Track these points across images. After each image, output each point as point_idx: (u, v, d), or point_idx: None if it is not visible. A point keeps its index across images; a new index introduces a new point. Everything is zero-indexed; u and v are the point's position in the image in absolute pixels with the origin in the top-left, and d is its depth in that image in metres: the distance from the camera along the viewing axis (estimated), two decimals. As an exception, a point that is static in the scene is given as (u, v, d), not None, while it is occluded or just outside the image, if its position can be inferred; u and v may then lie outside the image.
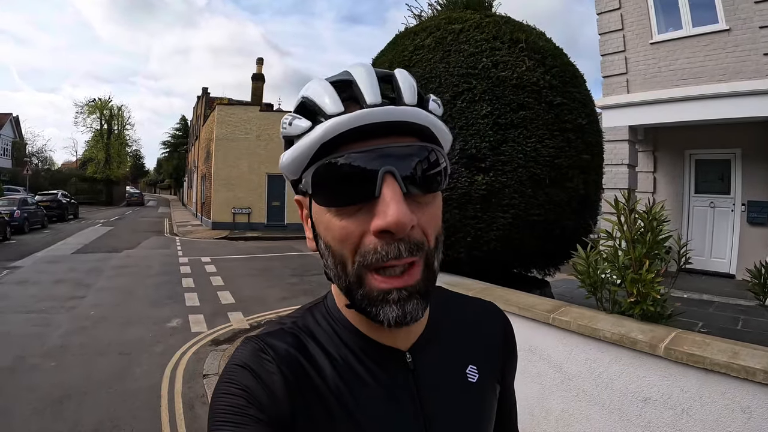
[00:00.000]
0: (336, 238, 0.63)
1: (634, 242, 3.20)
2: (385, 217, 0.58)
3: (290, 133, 0.65)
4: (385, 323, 0.61)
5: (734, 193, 9.20)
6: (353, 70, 0.66)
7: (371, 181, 0.59)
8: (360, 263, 0.61)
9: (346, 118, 0.60)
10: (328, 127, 0.60)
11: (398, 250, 0.60)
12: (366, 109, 0.60)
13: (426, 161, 0.63)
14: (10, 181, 33.82)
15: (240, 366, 0.66)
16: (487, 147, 4.30)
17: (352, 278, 0.63)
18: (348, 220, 0.62)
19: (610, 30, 9.61)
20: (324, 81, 0.66)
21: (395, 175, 0.60)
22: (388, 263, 0.60)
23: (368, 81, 0.63)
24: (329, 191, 0.62)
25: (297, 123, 0.64)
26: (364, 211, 0.61)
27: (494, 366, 0.84)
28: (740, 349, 2.39)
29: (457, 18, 4.88)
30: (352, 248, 0.62)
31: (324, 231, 0.65)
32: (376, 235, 0.60)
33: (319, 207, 0.65)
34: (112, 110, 48.23)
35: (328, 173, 0.61)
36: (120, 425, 4.36)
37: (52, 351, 6.16)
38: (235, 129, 23.91)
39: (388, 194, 0.59)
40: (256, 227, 23.39)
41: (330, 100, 0.62)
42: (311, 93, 0.65)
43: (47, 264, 12.79)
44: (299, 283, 10.86)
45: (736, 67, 7.91)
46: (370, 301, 0.62)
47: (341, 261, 0.63)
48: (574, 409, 3.07)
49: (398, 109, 0.62)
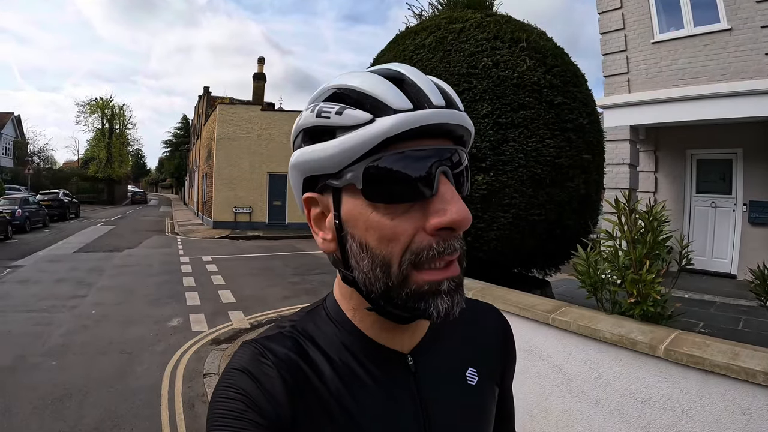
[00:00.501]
0: (385, 237, 0.61)
1: (634, 242, 3.19)
2: (450, 214, 0.59)
3: (337, 123, 0.61)
4: (435, 315, 0.61)
5: (736, 193, 9.18)
6: (403, 69, 0.65)
7: (428, 180, 0.60)
8: (410, 261, 0.60)
9: (418, 114, 0.59)
10: (398, 121, 0.58)
11: (453, 245, 0.61)
12: (436, 110, 0.60)
13: (460, 164, 0.64)
14: (11, 181, 33.95)
15: (239, 370, 0.65)
16: (488, 146, 4.30)
17: (397, 278, 0.61)
18: (399, 218, 0.60)
19: (611, 29, 9.59)
20: (375, 75, 0.64)
21: (449, 176, 0.62)
22: (443, 258, 0.61)
23: (425, 81, 0.63)
24: (385, 187, 0.60)
25: (351, 113, 0.61)
26: (417, 208, 0.60)
27: (494, 369, 0.83)
28: (740, 351, 2.38)
29: (458, 17, 4.88)
30: (402, 247, 0.61)
31: (364, 231, 0.62)
32: (433, 232, 0.60)
33: (362, 205, 0.62)
34: (114, 109, 48.26)
35: (387, 168, 0.60)
36: (120, 424, 4.36)
37: (53, 350, 6.16)
38: (236, 128, 23.93)
39: (448, 192, 0.60)
40: (258, 226, 23.40)
41: (395, 94, 0.61)
42: (361, 84, 0.62)
43: (48, 263, 12.81)
44: (300, 283, 10.86)
45: (738, 67, 7.90)
46: (419, 297, 0.61)
47: (384, 262, 0.62)
48: (573, 409, 3.07)
49: (459, 115, 0.63)
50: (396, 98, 0.60)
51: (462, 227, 0.60)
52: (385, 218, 0.61)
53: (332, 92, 0.65)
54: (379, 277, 0.62)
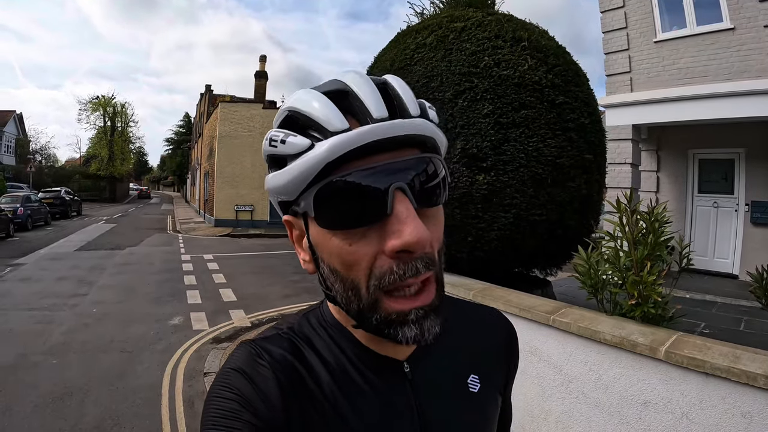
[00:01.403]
0: (345, 263, 0.60)
1: (635, 243, 3.18)
2: (403, 236, 0.56)
3: (283, 152, 0.60)
4: (403, 342, 0.59)
5: (738, 193, 9.14)
6: (347, 79, 0.62)
7: (381, 200, 0.56)
8: (375, 287, 0.59)
9: (353, 135, 0.56)
10: (333, 145, 0.56)
11: (416, 268, 0.58)
12: (374, 125, 0.57)
13: (430, 173, 0.61)
14: (13, 179, 34.03)
15: (234, 370, 0.65)
16: (489, 146, 4.29)
17: (367, 303, 0.60)
18: (358, 244, 0.58)
19: (613, 28, 9.57)
20: (316, 92, 0.62)
21: (405, 191, 0.58)
22: (406, 282, 0.58)
23: (369, 92, 0.60)
24: (336, 213, 0.58)
25: (292, 141, 0.59)
26: (374, 231, 0.58)
27: (497, 375, 0.82)
28: (741, 353, 2.37)
29: (459, 16, 4.86)
30: (366, 272, 0.59)
31: (329, 256, 0.62)
32: (392, 255, 0.57)
33: (322, 230, 0.61)
34: (116, 107, 48.28)
35: (334, 194, 0.58)
36: (121, 423, 4.37)
37: (54, 348, 6.17)
38: (238, 126, 23.95)
39: (402, 211, 0.57)
40: (259, 225, 23.40)
41: (332, 115, 0.58)
42: (304, 106, 0.61)
43: (50, 261, 12.83)
44: (301, 281, 10.85)
45: (741, 66, 7.87)
46: (387, 324, 0.60)
47: (353, 286, 0.60)
48: (573, 411, 3.06)
49: (407, 123, 0.59)
50: (331, 118, 0.58)
51: (417, 249, 0.57)
52: (344, 243, 0.59)
53: (285, 115, 0.64)
54: (351, 299, 0.61)
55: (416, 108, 0.62)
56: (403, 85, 0.63)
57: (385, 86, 0.63)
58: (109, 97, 47.94)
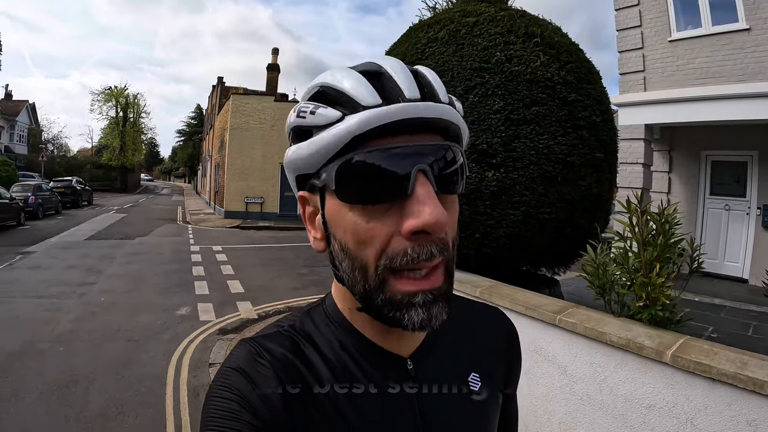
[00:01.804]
0: (360, 240, 0.59)
1: (645, 244, 3.14)
2: (422, 216, 0.56)
3: (312, 123, 0.61)
4: (409, 327, 0.59)
5: (750, 196, 9.05)
6: (383, 62, 0.63)
7: (403, 179, 0.57)
8: (385, 266, 0.58)
9: (386, 110, 0.57)
10: (365, 118, 0.57)
11: (430, 251, 0.57)
12: (407, 104, 0.58)
13: (452, 161, 0.61)
14: (25, 168, 34.26)
15: (234, 369, 0.64)
16: (499, 143, 4.26)
17: (374, 283, 0.59)
18: (375, 221, 0.58)
19: (628, 26, 9.48)
20: (351, 70, 0.63)
21: (428, 174, 0.58)
22: (419, 265, 0.58)
23: (404, 74, 0.61)
24: (357, 187, 0.59)
25: (323, 112, 0.60)
26: (392, 210, 0.58)
27: (498, 374, 0.82)
28: (749, 360, 2.34)
29: (472, 11, 4.83)
30: (378, 251, 0.59)
31: (343, 232, 0.61)
32: (409, 236, 0.57)
33: (339, 206, 0.61)
34: (128, 98, 48.53)
35: (358, 168, 0.58)
36: (125, 411, 4.40)
37: (61, 336, 6.23)
38: (249, 119, 24.01)
39: (423, 193, 0.57)
40: (269, 217, 23.48)
41: (365, 90, 0.59)
42: (336, 81, 0.61)
43: (60, 250, 12.93)
44: (309, 274, 10.88)
45: (756, 68, 7.76)
46: (393, 306, 0.59)
47: (362, 265, 0.60)
48: (577, 412, 3.04)
49: (438, 107, 0.60)
50: (365, 94, 0.59)
51: (435, 231, 0.57)
52: (361, 220, 0.59)
53: (315, 90, 0.64)
54: (358, 279, 0.61)
55: (445, 96, 0.63)
56: (434, 74, 0.64)
57: (416, 73, 0.63)
58: (122, 88, 48.22)
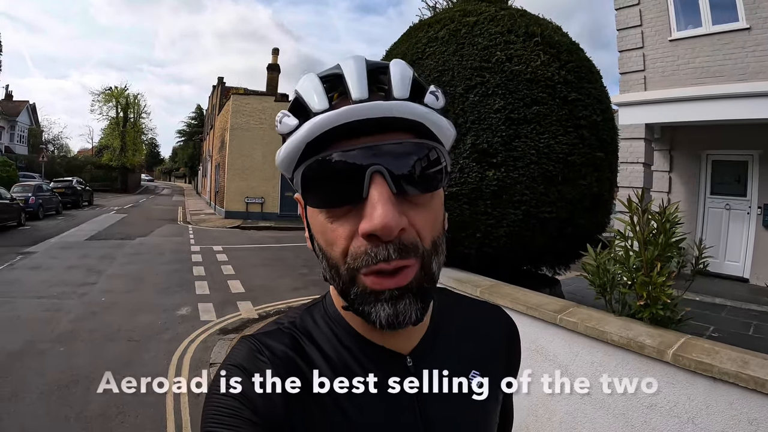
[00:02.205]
0: (328, 240, 0.62)
1: (646, 243, 3.13)
2: (372, 220, 0.56)
3: (281, 131, 0.63)
4: (377, 323, 0.60)
5: (750, 195, 9.03)
6: (343, 63, 0.63)
7: (359, 181, 0.57)
8: (350, 266, 0.59)
9: (329, 115, 0.58)
10: (312, 125, 0.59)
11: (387, 252, 0.57)
12: (351, 106, 0.58)
13: (422, 159, 0.60)
14: (26, 168, 34.19)
15: (235, 366, 0.64)
16: (499, 142, 4.26)
17: (345, 279, 0.61)
18: (338, 222, 0.60)
19: (628, 26, 9.47)
20: (313, 75, 0.64)
21: (384, 175, 0.57)
22: (378, 266, 0.58)
23: (356, 74, 0.61)
24: (318, 191, 0.61)
25: (286, 121, 0.62)
26: (355, 212, 0.59)
27: (498, 371, 0.82)
28: (750, 359, 2.33)
29: (472, 10, 4.83)
30: (342, 251, 0.60)
31: (317, 233, 0.64)
32: (365, 237, 0.57)
33: (311, 209, 0.64)
34: (128, 98, 48.50)
35: (316, 172, 0.60)
36: (125, 411, 4.39)
37: (61, 336, 6.21)
38: (249, 119, 24.01)
39: (375, 195, 0.57)
40: (269, 217, 23.46)
41: (316, 96, 0.60)
42: (301, 89, 0.63)
43: (60, 250, 12.91)
44: (310, 274, 10.86)
45: (756, 67, 7.75)
46: (363, 300, 0.60)
47: (333, 264, 0.62)
48: (578, 412, 3.03)
49: (386, 104, 0.59)
50: (315, 100, 0.60)
51: (384, 235, 0.56)
52: (327, 221, 0.61)
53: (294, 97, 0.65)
54: (334, 277, 0.63)
55: (405, 91, 0.61)
56: (401, 68, 0.63)
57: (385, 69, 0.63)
58: (122, 89, 48.19)
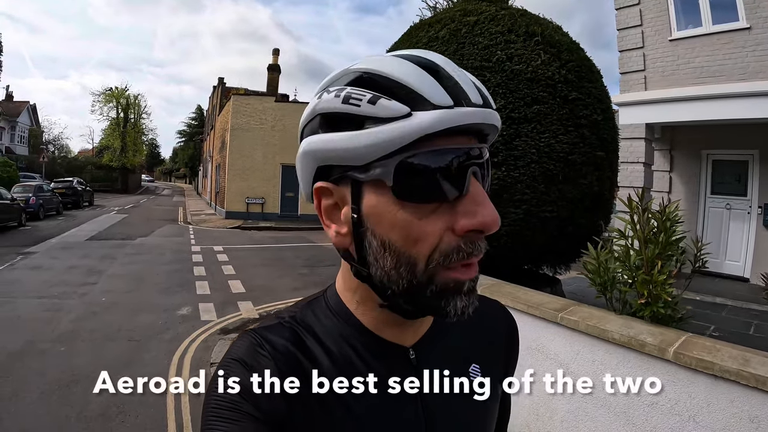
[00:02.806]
0: (412, 237, 0.59)
1: (646, 242, 3.14)
2: (480, 216, 0.58)
3: (369, 113, 0.57)
4: (452, 313, 0.60)
5: (751, 195, 9.02)
6: (435, 59, 0.61)
7: (460, 179, 0.58)
8: (438, 263, 0.59)
9: (459, 113, 0.56)
10: (438, 118, 0.55)
11: (480, 247, 0.60)
12: (476, 109, 0.58)
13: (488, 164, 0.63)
14: (26, 168, 34.17)
15: (235, 360, 0.64)
16: (500, 141, 4.27)
17: (423, 277, 0.59)
18: (428, 219, 0.58)
19: (628, 26, 9.47)
20: (407, 61, 0.60)
21: (478, 176, 0.60)
22: (469, 261, 0.60)
23: (462, 76, 0.60)
24: (415, 185, 0.57)
25: (386, 104, 0.56)
26: (443, 209, 0.58)
27: (497, 366, 0.82)
28: (751, 357, 2.33)
29: (472, 10, 4.83)
30: (431, 248, 0.58)
31: (389, 229, 0.59)
32: (462, 233, 0.58)
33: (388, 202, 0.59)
34: (129, 99, 48.52)
35: (419, 165, 0.57)
36: (126, 410, 4.39)
37: (62, 336, 6.22)
38: (250, 119, 24.02)
39: (479, 193, 0.59)
40: (270, 217, 23.45)
41: (434, 88, 0.57)
42: (393, 72, 0.58)
43: (61, 250, 12.91)
44: (310, 274, 10.88)
45: (757, 67, 7.75)
46: (442, 294, 0.60)
47: (410, 261, 0.59)
48: (579, 410, 3.03)
49: (494, 114, 0.60)
50: (435, 92, 0.57)
51: (492, 230, 0.59)
52: (413, 217, 0.58)
53: (358, 76, 0.60)
54: (403, 275, 0.60)
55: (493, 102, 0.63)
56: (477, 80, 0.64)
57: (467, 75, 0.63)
58: (122, 89, 48.21)
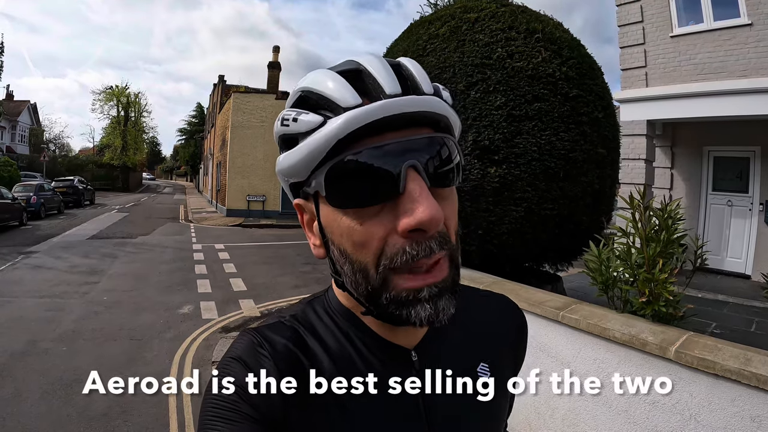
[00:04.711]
0: (357, 242, 0.59)
1: (648, 240, 3.13)
2: (416, 214, 0.55)
3: (296, 130, 0.60)
4: (417, 323, 0.58)
5: (752, 192, 8.99)
6: (362, 59, 0.62)
7: (394, 178, 0.56)
8: (386, 267, 0.58)
9: (366, 110, 0.56)
10: (346, 120, 0.56)
11: (429, 247, 0.57)
12: (387, 100, 0.57)
13: (443, 153, 0.60)
14: (27, 168, 34.19)
15: (235, 359, 0.64)
16: (501, 139, 4.26)
17: (376, 283, 0.59)
18: (369, 222, 0.58)
19: (629, 22, 9.43)
20: (329, 71, 0.61)
21: (419, 170, 0.57)
22: (419, 263, 0.57)
23: (383, 70, 0.60)
24: (347, 191, 0.58)
25: (304, 118, 0.59)
26: (386, 210, 0.57)
27: (507, 363, 0.81)
28: (753, 356, 2.33)
29: (473, 7, 4.82)
30: (376, 252, 0.58)
31: (339, 237, 0.61)
32: (405, 234, 0.56)
33: (333, 210, 0.60)
34: (129, 97, 48.49)
35: (346, 171, 0.57)
36: (128, 410, 4.39)
37: (64, 335, 6.22)
38: (250, 117, 24.00)
39: (415, 190, 0.56)
40: (271, 215, 23.43)
41: (345, 91, 0.58)
42: (317, 85, 0.60)
43: (62, 249, 12.91)
44: (311, 272, 10.87)
45: (758, 63, 7.72)
46: (398, 304, 0.59)
47: (362, 267, 0.59)
48: (580, 408, 3.03)
49: (421, 99, 0.59)
50: (344, 95, 0.58)
51: (431, 228, 0.56)
52: (355, 223, 0.58)
53: (297, 96, 0.63)
54: (359, 281, 0.60)
55: (429, 87, 0.62)
56: (416, 65, 0.63)
57: (399, 66, 0.62)
58: (123, 88, 48.18)
